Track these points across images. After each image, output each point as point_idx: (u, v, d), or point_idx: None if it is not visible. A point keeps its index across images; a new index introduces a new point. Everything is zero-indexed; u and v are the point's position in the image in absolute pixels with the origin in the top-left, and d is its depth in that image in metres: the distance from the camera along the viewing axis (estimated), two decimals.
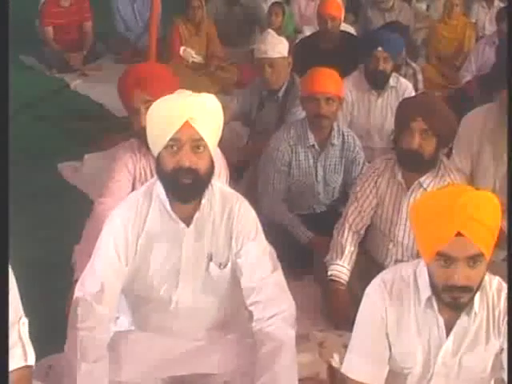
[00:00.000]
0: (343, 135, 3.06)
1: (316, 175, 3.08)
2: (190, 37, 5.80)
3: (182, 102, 1.77)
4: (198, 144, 1.76)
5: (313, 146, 3.03)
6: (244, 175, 3.48)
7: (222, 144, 3.34)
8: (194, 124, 1.75)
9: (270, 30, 3.40)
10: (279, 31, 5.38)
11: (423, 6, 7.78)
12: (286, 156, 3.02)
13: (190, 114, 1.75)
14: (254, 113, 3.60)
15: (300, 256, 2.83)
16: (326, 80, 2.91)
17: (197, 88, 6.45)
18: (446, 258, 1.53)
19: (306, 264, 2.84)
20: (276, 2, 5.76)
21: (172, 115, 1.75)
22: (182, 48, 5.78)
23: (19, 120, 4.54)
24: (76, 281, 1.95)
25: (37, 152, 4.17)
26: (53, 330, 1.99)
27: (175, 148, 1.75)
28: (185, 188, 1.76)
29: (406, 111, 2.52)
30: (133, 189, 2.42)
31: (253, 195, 3.17)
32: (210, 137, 1.79)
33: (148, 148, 1.88)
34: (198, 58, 5.84)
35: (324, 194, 3.15)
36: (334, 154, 3.06)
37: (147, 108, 2.20)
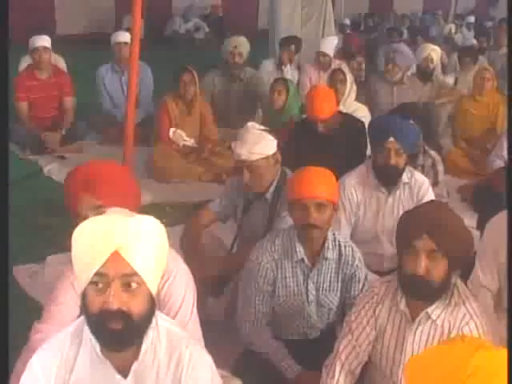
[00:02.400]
0: (339, 246, 2.93)
1: (307, 295, 2.94)
2: (181, 116, 5.83)
3: (108, 226, 1.64)
4: (129, 280, 1.65)
5: (302, 260, 2.89)
6: (225, 290, 3.36)
7: (199, 253, 3.18)
8: (125, 254, 1.62)
9: (249, 126, 3.30)
10: (282, 112, 5.42)
11: (450, 80, 7.80)
12: (269, 272, 2.89)
13: (119, 243, 1.62)
14: (238, 215, 3.51)
15: None
16: (316, 182, 2.80)
17: (186, 176, 6.49)
18: None
19: None
20: (279, 79, 5.76)
21: (96, 244, 1.62)
22: (171, 129, 5.81)
23: None
24: None
25: None
26: None
27: (101, 285, 1.63)
28: (114, 335, 1.64)
29: (408, 227, 2.35)
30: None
31: (235, 315, 3.02)
32: (147, 270, 1.68)
33: None
34: (189, 141, 5.86)
35: (317, 316, 2.99)
36: (328, 270, 2.92)
37: (92, 214, 2.12)
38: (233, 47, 6.47)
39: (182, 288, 2.38)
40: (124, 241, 1.64)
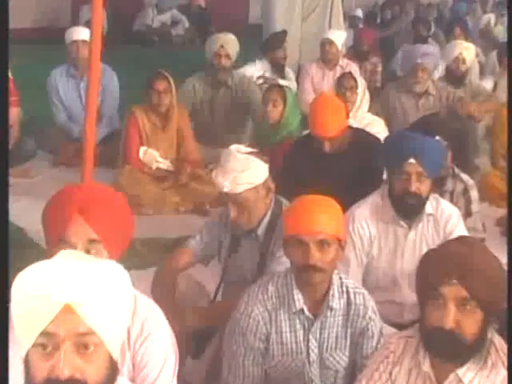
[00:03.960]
0: (348, 293, 2.96)
1: (308, 354, 2.96)
2: (154, 132, 5.89)
3: (59, 274, 1.67)
4: (84, 341, 1.67)
5: (302, 310, 2.92)
6: (207, 349, 3.38)
7: (174, 303, 3.21)
8: (79, 309, 1.65)
9: (232, 149, 3.34)
10: (278, 126, 5.47)
11: (488, 84, 7.90)
12: (261, 326, 2.91)
13: (71, 295, 1.65)
14: (224, 255, 3.54)
15: None
16: (319, 214, 2.84)
17: (160, 206, 6.52)
18: None
19: None
20: (274, 86, 5.81)
21: (43, 296, 1.64)
22: (142, 149, 5.86)
23: None
24: None
25: None
26: None
27: (49, 348, 1.65)
28: None
29: (433, 270, 2.38)
30: None
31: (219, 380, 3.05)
32: (107, 328, 1.70)
33: None
34: (164, 163, 5.92)
35: (321, 381, 3.02)
36: (334, 323, 2.96)
37: (86, 249, 2.27)
38: (218, 46, 6.56)
39: (162, 352, 2.42)
40: (78, 292, 1.66)
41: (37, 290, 1.66)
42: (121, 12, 13.84)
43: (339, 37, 7.95)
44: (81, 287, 1.67)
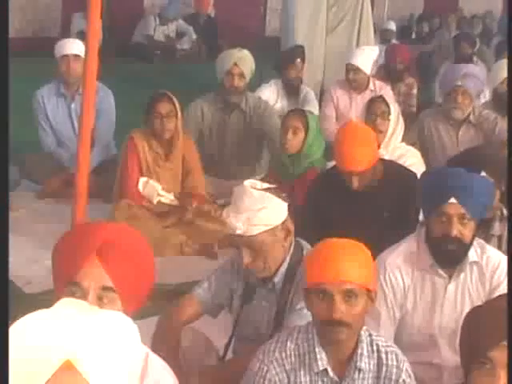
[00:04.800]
0: (379, 352, 2.97)
1: None
2: (156, 162, 5.92)
3: (58, 327, 1.70)
4: None
5: (325, 371, 2.94)
6: None
7: (177, 361, 3.23)
8: (81, 367, 1.69)
9: (246, 186, 3.36)
10: (298, 158, 5.48)
11: None
12: None
13: (72, 351, 1.68)
14: (235, 306, 3.56)
15: None
16: (345, 261, 2.87)
17: (162, 246, 6.53)
18: None
19: None
20: (296, 111, 5.84)
21: (41, 351, 1.67)
22: (141, 180, 5.86)
23: None
24: None
25: None
26: None
27: None
28: None
29: (480, 331, 2.40)
30: None
31: None
32: None
33: None
34: (167, 197, 5.93)
35: None
36: None
37: (99, 296, 2.34)
38: (231, 64, 6.61)
39: None
40: (80, 348, 1.68)
41: (35, 343, 1.69)
42: (118, 21, 13.89)
43: (367, 58, 7.91)
44: (83, 341, 1.68)
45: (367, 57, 7.97)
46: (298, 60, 8.07)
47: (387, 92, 7.57)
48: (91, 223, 2.70)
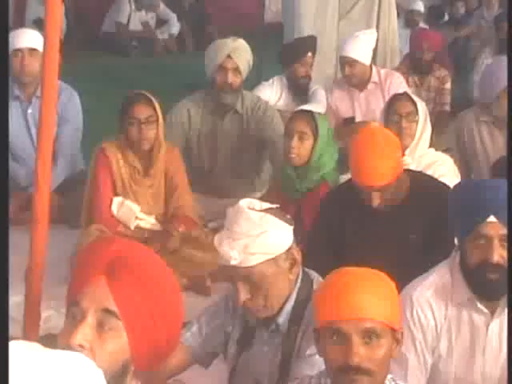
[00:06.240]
0: None
1: None
2: (133, 178, 5.94)
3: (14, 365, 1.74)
4: None
5: None
6: None
7: None
8: None
9: (241, 206, 3.30)
10: (306, 170, 5.49)
11: None
12: None
13: None
14: (231, 353, 3.57)
15: None
16: (364, 295, 2.87)
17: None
18: None
19: None
20: (302, 112, 5.81)
21: None
22: (116, 200, 5.86)
23: None
24: None
25: None
26: None
27: None
28: None
29: None
30: None
31: None
32: None
33: None
34: (147, 221, 5.93)
35: None
36: None
37: (99, 321, 2.38)
38: (224, 57, 6.58)
39: None
40: None
41: None
42: (84, 6, 13.91)
43: (364, 46, 7.89)
44: None
45: (364, 44, 7.93)
46: (309, 54, 8.06)
47: (396, 81, 7.56)
48: (109, 237, 2.72)
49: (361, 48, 7.85)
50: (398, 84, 7.37)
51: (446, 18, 14.96)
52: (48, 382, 1.75)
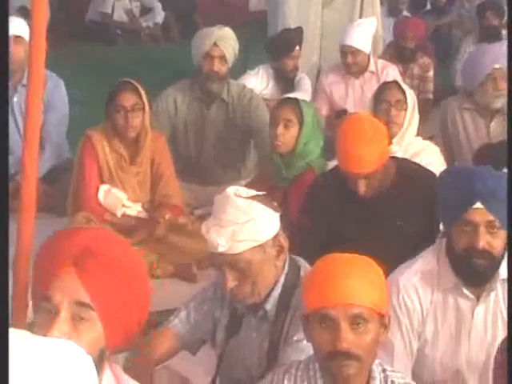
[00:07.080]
0: None
1: None
2: (120, 166, 5.93)
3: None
4: None
5: None
6: None
7: None
8: None
9: (228, 193, 3.29)
10: (292, 157, 5.48)
11: None
12: None
13: None
14: (220, 339, 3.57)
15: None
16: (351, 280, 2.87)
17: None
18: None
19: None
20: (287, 100, 5.81)
21: None
22: (102, 188, 5.85)
23: None
24: None
25: None
26: None
27: None
28: None
29: None
30: None
31: None
32: None
33: None
34: (133, 208, 5.91)
35: None
36: None
37: (73, 314, 2.37)
38: (210, 45, 6.58)
39: None
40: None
41: None
42: None
43: (365, 34, 7.87)
44: (24, 373, 1.71)
45: (365, 32, 7.93)
46: (297, 48, 8.07)
47: (392, 73, 7.56)
48: (74, 228, 2.69)
49: (363, 37, 7.84)
50: (394, 76, 7.33)
51: (429, 6, 14.98)
52: (38, 370, 1.75)
